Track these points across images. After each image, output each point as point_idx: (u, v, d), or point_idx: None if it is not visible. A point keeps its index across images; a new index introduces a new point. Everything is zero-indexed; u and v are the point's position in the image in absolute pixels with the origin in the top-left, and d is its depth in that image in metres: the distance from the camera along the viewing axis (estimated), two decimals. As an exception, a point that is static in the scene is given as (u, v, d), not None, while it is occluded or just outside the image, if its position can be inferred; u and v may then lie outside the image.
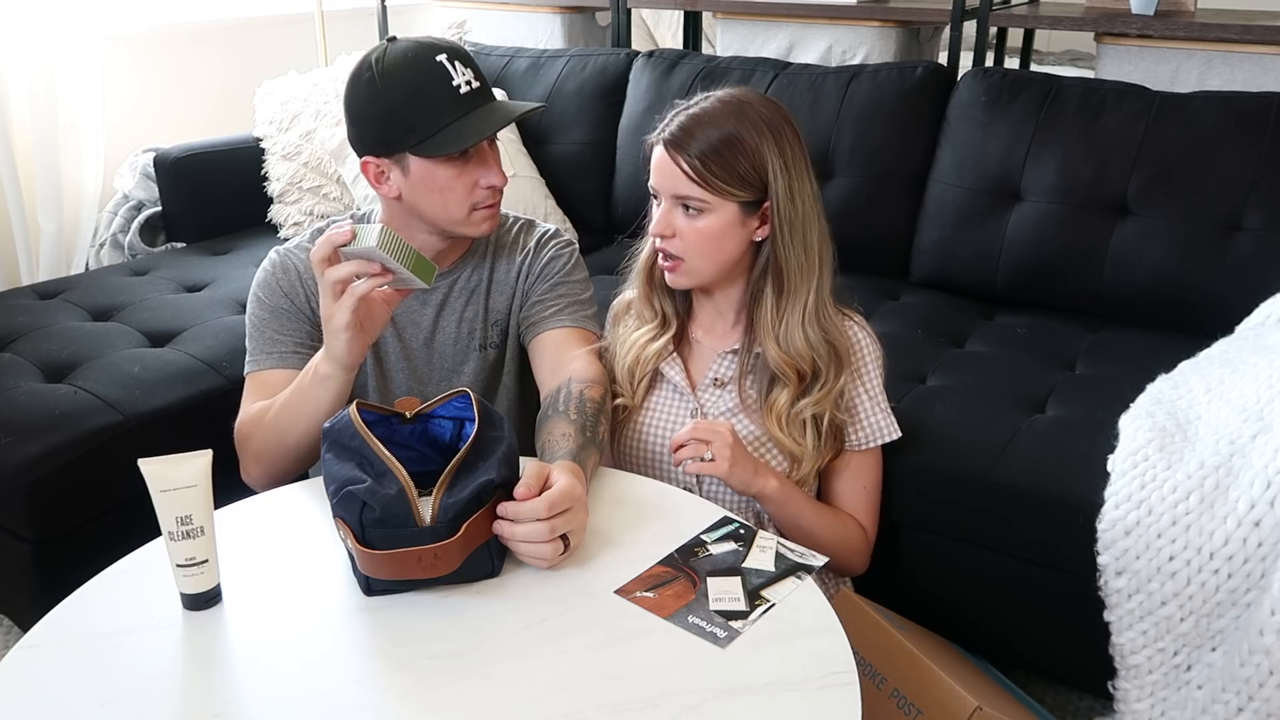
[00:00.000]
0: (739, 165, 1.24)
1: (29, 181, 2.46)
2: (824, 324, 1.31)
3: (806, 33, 2.81)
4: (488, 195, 1.33)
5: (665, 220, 1.28)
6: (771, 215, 1.27)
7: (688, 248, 1.28)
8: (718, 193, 1.24)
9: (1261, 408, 1.35)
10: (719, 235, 1.27)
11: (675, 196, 1.27)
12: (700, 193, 1.25)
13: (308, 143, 2.47)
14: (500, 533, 1.01)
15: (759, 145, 1.24)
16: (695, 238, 1.27)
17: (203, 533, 0.97)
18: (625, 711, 0.86)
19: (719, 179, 1.24)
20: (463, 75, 1.28)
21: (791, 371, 1.30)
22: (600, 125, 2.54)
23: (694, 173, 1.24)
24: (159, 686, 0.89)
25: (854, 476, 1.40)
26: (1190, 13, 2.35)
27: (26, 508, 1.52)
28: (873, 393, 1.38)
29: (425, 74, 1.26)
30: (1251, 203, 1.87)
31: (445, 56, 1.27)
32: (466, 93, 1.28)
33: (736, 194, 1.25)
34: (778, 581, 1.04)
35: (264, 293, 1.38)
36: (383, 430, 1.07)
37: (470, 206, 1.32)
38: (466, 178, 1.30)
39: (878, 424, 1.38)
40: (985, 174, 2.07)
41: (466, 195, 1.31)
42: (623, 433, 1.41)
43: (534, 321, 1.43)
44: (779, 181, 1.25)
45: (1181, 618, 1.31)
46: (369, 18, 3.26)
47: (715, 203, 1.25)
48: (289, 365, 1.35)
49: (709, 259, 1.29)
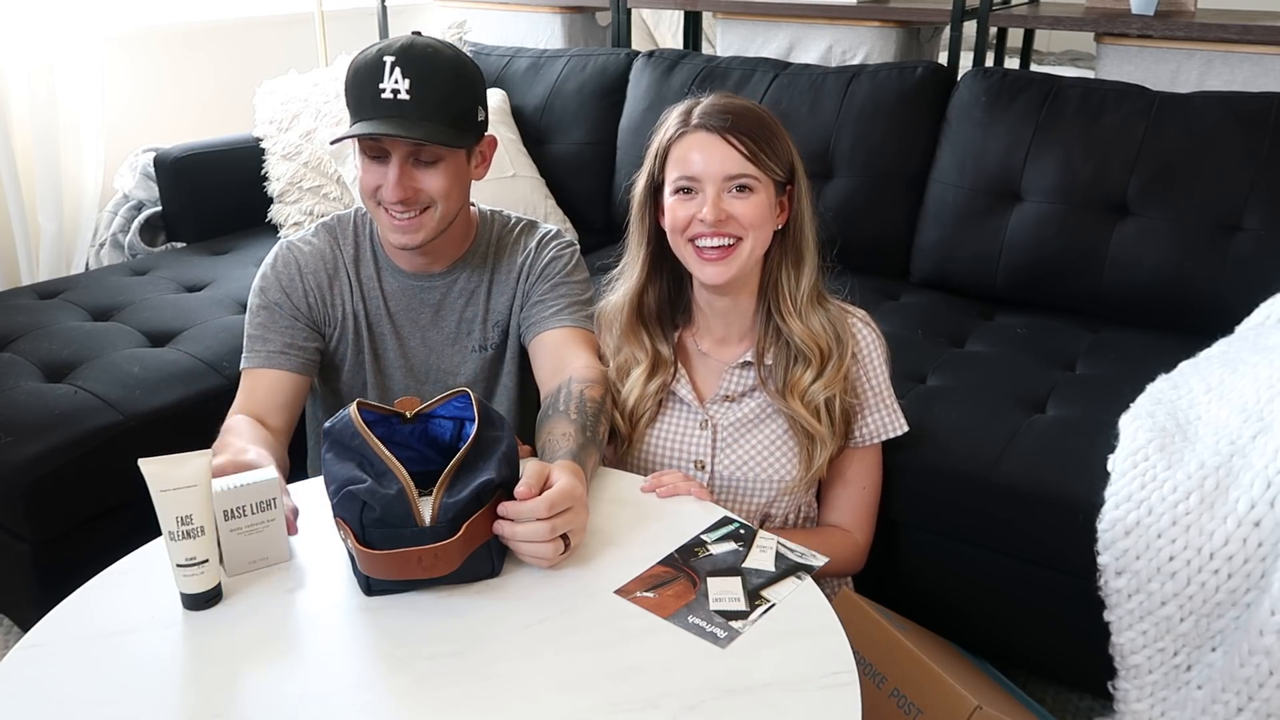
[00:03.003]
0: (777, 146, 1.28)
1: (29, 181, 2.46)
2: (825, 306, 1.35)
3: (806, 33, 2.81)
4: (395, 206, 1.31)
5: (716, 205, 1.24)
6: (796, 194, 1.31)
7: (745, 228, 1.26)
8: (764, 169, 1.27)
9: (1261, 408, 1.35)
10: (766, 212, 1.28)
11: (727, 178, 1.25)
12: (754, 169, 1.26)
13: (308, 143, 2.47)
14: (500, 532, 1.01)
15: (781, 130, 1.30)
16: (751, 216, 1.26)
17: (203, 533, 0.97)
18: (625, 711, 0.86)
19: (765, 155, 1.26)
20: (394, 82, 1.27)
21: (815, 349, 1.32)
22: (600, 125, 2.54)
23: (747, 150, 1.25)
24: (159, 686, 0.89)
25: (854, 476, 1.40)
26: (1190, 13, 2.35)
27: (26, 508, 1.52)
28: (878, 388, 1.38)
29: (366, 69, 1.29)
30: (1251, 203, 1.87)
31: (392, 60, 1.27)
32: (386, 99, 1.27)
33: (776, 173, 1.28)
34: (778, 581, 1.04)
35: (263, 286, 1.39)
36: (383, 430, 1.07)
37: (376, 202, 1.33)
38: (373, 176, 1.32)
39: (882, 420, 1.38)
40: (985, 174, 2.07)
41: (369, 194, 1.33)
42: (634, 447, 1.39)
43: (534, 321, 1.43)
44: (798, 163, 1.31)
45: (1181, 618, 1.31)
46: (369, 18, 3.26)
47: (764, 180, 1.27)
48: (276, 365, 1.36)
49: (757, 239, 1.28)
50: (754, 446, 1.35)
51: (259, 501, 1.02)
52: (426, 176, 1.31)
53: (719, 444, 1.36)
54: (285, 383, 1.36)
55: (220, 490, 1.00)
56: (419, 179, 1.31)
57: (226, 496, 1.01)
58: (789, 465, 1.35)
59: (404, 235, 1.33)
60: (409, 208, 1.31)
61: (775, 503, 1.37)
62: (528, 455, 1.20)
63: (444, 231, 1.36)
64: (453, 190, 1.34)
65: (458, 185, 1.35)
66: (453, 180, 1.33)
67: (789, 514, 1.40)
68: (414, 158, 1.30)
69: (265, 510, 1.03)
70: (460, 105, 1.32)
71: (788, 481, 1.35)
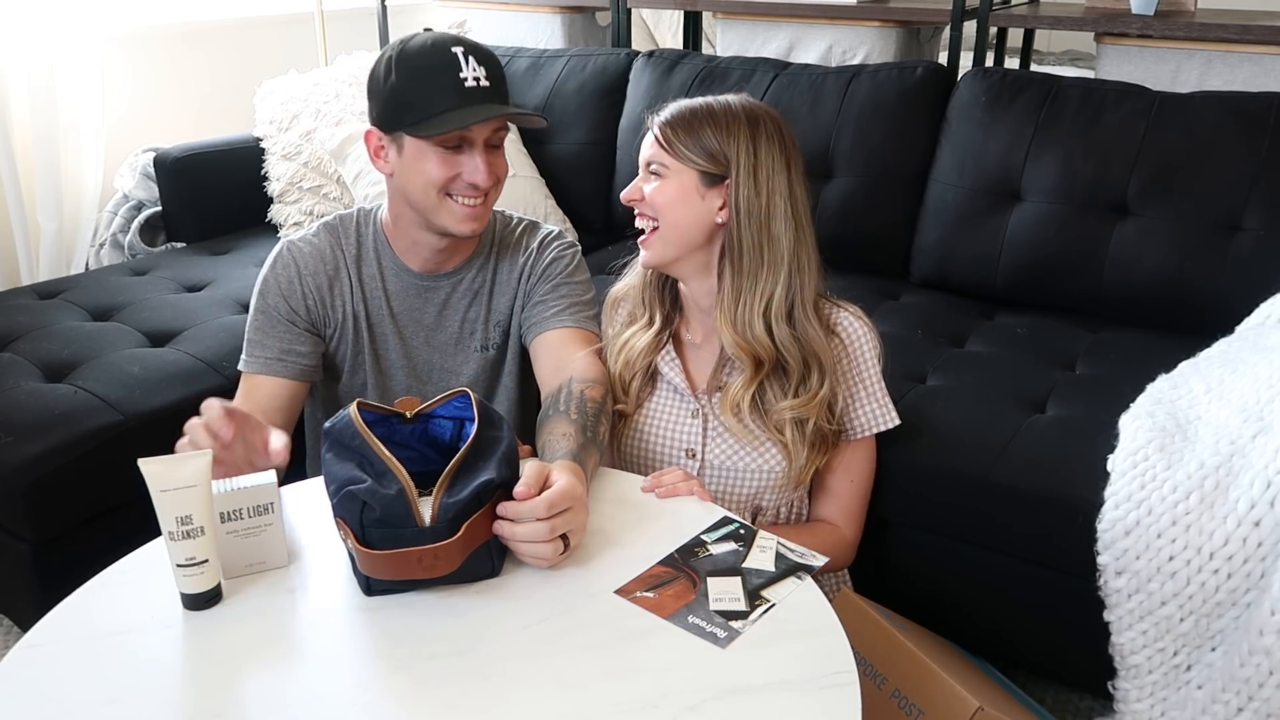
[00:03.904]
0: (704, 136, 1.29)
1: (29, 181, 2.46)
2: (798, 325, 1.31)
3: (806, 33, 2.81)
4: (468, 191, 1.32)
5: (634, 186, 1.33)
6: (731, 194, 1.29)
7: (653, 212, 1.31)
8: (678, 157, 1.29)
9: (1261, 408, 1.35)
10: (676, 198, 1.30)
11: (645, 164, 1.32)
12: (663, 156, 1.30)
13: (308, 143, 2.47)
14: (500, 533, 1.01)
15: (731, 124, 1.29)
16: (656, 199, 1.30)
17: (203, 533, 0.97)
18: (625, 711, 0.86)
19: (682, 144, 1.28)
20: (473, 70, 1.29)
21: (746, 357, 1.31)
22: (600, 125, 2.54)
23: (661, 137, 1.30)
24: (159, 686, 0.89)
25: (844, 469, 1.40)
26: (1190, 13, 2.35)
27: (26, 508, 1.52)
28: (868, 383, 1.38)
29: (438, 60, 1.28)
30: (1251, 203, 1.87)
31: (463, 50, 1.29)
32: (471, 86, 1.28)
33: (696, 161, 1.29)
34: (778, 581, 1.04)
35: (262, 289, 1.39)
36: (383, 430, 1.07)
37: (445, 194, 1.32)
38: (450, 167, 1.31)
39: (872, 414, 1.38)
40: (985, 174, 2.07)
41: (445, 183, 1.32)
42: (623, 434, 1.41)
43: (535, 322, 1.43)
44: (743, 160, 1.28)
45: (1181, 618, 1.31)
46: (369, 18, 3.26)
47: (675, 167, 1.29)
48: (273, 373, 1.37)
49: (670, 225, 1.31)
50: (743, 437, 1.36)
51: (256, 505, 1.02)
52: (497, 160, 1.34)
53: (710, 433, 1.37)
54: (281, 389, 1.37)
55: (216, 493, 1.00)
56: (495, 163, 1.34)
57: (223, 499, 1.01)
58: (778, 457, 1.35)
59: (476, 222, 1.35)
60: (482, 193, 1.33)
61: (764, 494, 1.38)
62: (528, 455, 1.20)
63: None
64: (505, 175, 1.38)
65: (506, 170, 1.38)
66: (505, 163, 1.37)
67: (780, 507, 1.40)
68: (489, 143, 1.33)
69: (262, 514, 1.03)
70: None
71: (777, 473, 1.35)
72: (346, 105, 2.50)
